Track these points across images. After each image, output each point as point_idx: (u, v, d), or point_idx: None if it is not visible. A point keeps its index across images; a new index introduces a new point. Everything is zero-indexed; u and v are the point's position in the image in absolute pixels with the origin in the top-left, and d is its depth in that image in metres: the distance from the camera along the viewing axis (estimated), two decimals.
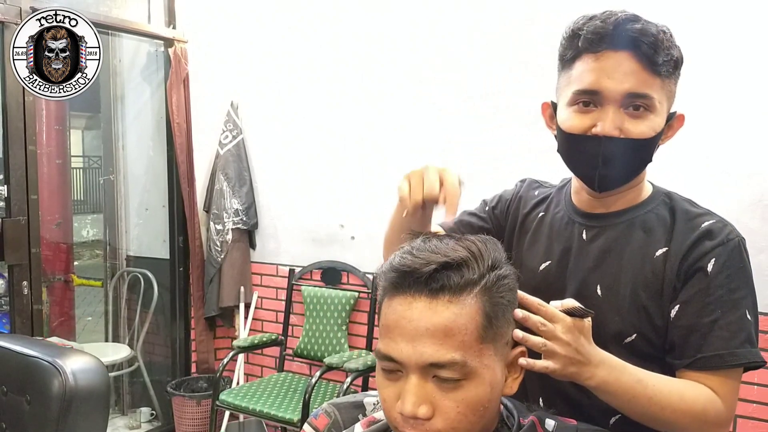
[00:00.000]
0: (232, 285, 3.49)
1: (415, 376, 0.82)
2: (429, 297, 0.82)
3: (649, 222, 1.09)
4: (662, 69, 0.99)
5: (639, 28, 0.98)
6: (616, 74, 0.99)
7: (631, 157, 1.03)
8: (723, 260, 1.01)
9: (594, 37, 1.00)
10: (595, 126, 1.01)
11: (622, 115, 1.00)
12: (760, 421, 2.25)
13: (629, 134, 1.00)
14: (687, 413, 0.97)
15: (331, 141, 3.25)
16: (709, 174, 2.30)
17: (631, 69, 0.98)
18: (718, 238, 1.03)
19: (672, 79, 1.03)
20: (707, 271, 1.01)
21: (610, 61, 0.99)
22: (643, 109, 1.00)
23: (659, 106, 1.01)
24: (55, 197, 3.81)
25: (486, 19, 2.72)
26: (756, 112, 2.23)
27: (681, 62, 1.05)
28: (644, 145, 1.02)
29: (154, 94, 3.67)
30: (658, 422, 0.98)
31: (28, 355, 1.52)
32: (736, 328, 1.00)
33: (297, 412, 2.77)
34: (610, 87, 0.99)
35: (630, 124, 1.00)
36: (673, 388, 0.98)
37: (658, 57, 0.98)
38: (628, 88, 0.99)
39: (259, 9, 3.46)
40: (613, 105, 1.00)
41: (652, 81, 0.99)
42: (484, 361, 0.83)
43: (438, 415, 0.81)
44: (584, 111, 1.03)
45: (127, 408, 3.82)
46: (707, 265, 1.01)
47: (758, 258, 2.22)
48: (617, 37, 0.98)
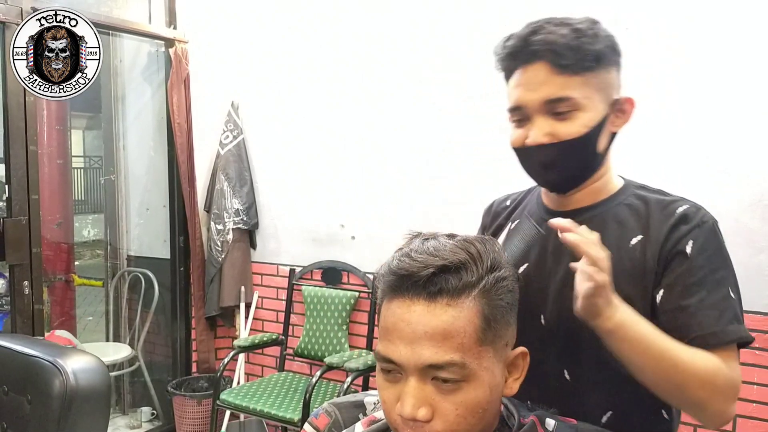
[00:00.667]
0: (232, 285, 3.49)
1: (414, 378, 0.82)
2: (427, 300, 0.83)
3: (621, 214, 1.10)
4: (577, 67, 1.01)
5: (542, 38, 1.02)
6: (533, 85, 1.03)
7: (572, 156, 1.05)
8: (701, 242, 1.03)
9: (509, 57, 1.06)
10: (527, 138, 1.05)
11: (551, 122, 1.03)
12: (759, 421, 2.26)
13: (560, 137, 1.03)
14: (698, 374, 0.95)
15: (331, 141, 3.25)
16: (709, 174, 2.30)
17: (545, 77, 1.02)
18: (693, 221, 1.04)
19: (597, 71, 1.04)
20: (687, 254, 1.02)
21: (527, 75, 1.04)
22: (569, 110, 1.02)
23: (587, 101, 1.03)
24: (56, 197, 3.81)
25: (486, 19, 2.72)
26: (756, 112, 2.23)
27: (608, 52, 1.06)
28: (580, 143, 1.04)
29: (155, 94, 3.67)
30: (668, 383, 0.96)
31: (29, 355, 1.53)
32: (723, 307, 1.00)
33: (297, 411, 2.77)
34: (529, 99, 1.03)
35: (560, 127, 1.03)
36: (684, 347, 0.97)
37: (568, 59, 1.00)
38: (545, 96, 1.02)
39: (260, 9, 3.47)
40: (537, 114, 1.04)
41: (570, 81, 1.01)
42: (483, 363, 0.83)
43: (437, 418, 0.82)
44: (519, 126, 1.07)
45: (128, 407, 3.83)
46: (686, 248, 1.02)
47: (758, 258, 2.23)
48: (526, 51, 1.03)
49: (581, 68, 1.02)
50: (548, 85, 1.02)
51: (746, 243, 2.25)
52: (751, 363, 2.26)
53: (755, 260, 2.24)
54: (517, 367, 0.91)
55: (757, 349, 2.25)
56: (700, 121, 2.32)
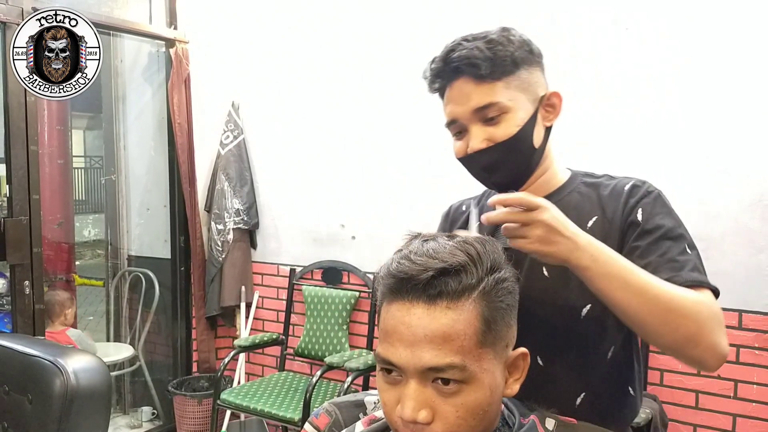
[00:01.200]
0: (233, 285, 3.50)
1: (415, 380, 0.82)
2: (427, 303, 0.82)
3: (573, 201, 1.14)
4: (496, 74, 1.07)
5: (459, 55, 1.07)
6: (461, 99, 1.09)
7: (510, 155, 1.09)
8: (649, 209, 1.09)
9: (435, 79, 1.14)
10: (468, 147, 1.11)
11: (485, 128, 1.09)
12: (759, 420, 2.26)
13: (496, 140, 1.08)
14: (683, 305, 0.95)
15: (331, 141, 3.26)
16: (709, 174, 2.31)
17: (468, 89, 1.08)
18: (640, 193, 1.11)
19: (517, 73, 1.09)
20: (639, 221, 1.08)
21: (454, 91, 1.11)
22: (498, 114, 1.08)
23: (512, 103, 1.08)
24: (57, 197, 3.82)
25: (486, 19, 2.73)
26: (755, 112, 2.23)
27: (524, 55, 1.11)
28: (515, 142, 1.08)
29: (156, 94, 3.68)
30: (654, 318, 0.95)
31: (29, 355, 1.53)
32: (683, 260, 1.03)
33: (298, 411, 2.78)
34: (459, 111, 1.10)
35: (494, 131, 1.08)
36: (665, 282, 0.98)
37: (486, 68, 1.06)
38: (472, 106, 1.08)
39: (260, 9, 3.47)
40: (471, 124, 1.09)
41: (493, 88, 1.07)
42: (483, 365, 0.83)
43: (438, 420, 0.82)
44: (459, 138, 1.13)
45: (129, 407, 3.83)
46: (637, 217, 1.08)
47: (758, 258, 2.24)
48: (448, 69, 1.10)
49: (500, 74, 1.07)
50: (473, 95, 1.08)
51: (746, 243, 2.25)
52: (750, 363, 2.26)
53: (755, 260, 2.24)
54: (517, 368, 0.91)
55: (757, 348, 2.25)
56: (700, 121, 2.33)
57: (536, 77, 1.13)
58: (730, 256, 2.27)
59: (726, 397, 2.32)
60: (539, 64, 1.15)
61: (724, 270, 2.29)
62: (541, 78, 1.14)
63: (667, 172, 2.36)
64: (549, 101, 1.14)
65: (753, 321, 2.26)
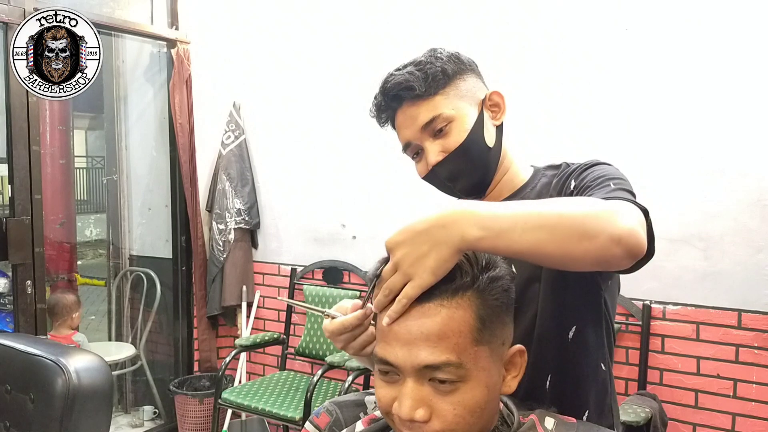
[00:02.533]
0: (234, 284, 3.51)
1: (412, 379, 0.82)
2: (421, 302, 0.83)
3: (535, 196, 1.16)
4: (431, 90, 1.12)
5: (393, 84, 1.13)
6: (407, 122, 1.14)
7: (467, 160, 1.14)
8: (579, 173, 1.11)
9: (381, 112, 1.18)
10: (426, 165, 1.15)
11: (437, 141, 1.13)
12: (758, 419, 2.27)
13: (449, 149, 1.13)
14: (589, 207, 0.87)
15: (332, 141, 3.26)
16: (708, 174, 2.31)
17: (411, 111, 1.13)
18: (574, 166, 1.14)
19: (452, 83, 1.14)
20: (572, 189, 1.10)
21: (400, 117, 1.16)
22: (444, 124, 1.12)
23: (455, 111, 1.13)
24: (59, 197, 3.83)
25: (487, 21, 2.73)
26: (754, 112, 2.23)
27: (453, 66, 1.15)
28: (468, 146, 1.13)
29: (157, 94, 3.69)
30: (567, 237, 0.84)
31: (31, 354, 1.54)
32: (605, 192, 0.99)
33: (299, 410, 2.78)
34: (410, 133, 1.15)
35: (445, 142, 1.13)
36: (558, 198, 0.95)
37: (419, 88, 1.11)
38: (419, 124, 1.13)
39: (261, 10, 3.48)
40: (423, 141, 1.14)
41: (432, 103, 1.12)
42: (479, 363, 0.83)
43: (435, 418, 0.82)
44: (418, 160, 1.18)
45: (130, 406, 3.84)
46: (570, 185, 1.11)
47: (757, 257, 2.24)
48: (388, 99, 1.15)
49: (436, 88, 1.12)
50: (418, 115, 1.12)
51: (745, 242, 2.26)
52: (749, 362, 2.27)
53: (754, 259, 2.25)
54: (515, 365, 0.91)
55: (756, 348, 2.25)
56: (699, 121, 2.33)
57: (472, 83, 1.17)
58: (729, 255, 2.28)
59: (725, 396, 2.32)
60: (473, 71, 1.18)
61: (723, 270, 2.29)
62: (477, 83, 1.18)
63: (667, 171, 2.36)
64: (491, 101, 1.18)
65: (752, 320, 2.26)
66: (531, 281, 1.10)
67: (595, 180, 1.05)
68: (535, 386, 1.09)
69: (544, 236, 0.83)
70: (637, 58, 2.43)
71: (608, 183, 1.02)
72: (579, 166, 1.13)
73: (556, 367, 1.10)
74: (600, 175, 1.06)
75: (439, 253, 0.82)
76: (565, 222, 0.84)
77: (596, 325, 1.13)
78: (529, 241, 0.83)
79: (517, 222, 0.83)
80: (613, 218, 0.85)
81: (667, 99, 2.38)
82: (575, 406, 1.03)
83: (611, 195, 0.95)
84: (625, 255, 0.85)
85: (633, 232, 0.85)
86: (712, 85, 2.30)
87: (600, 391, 1.14)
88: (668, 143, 2.38)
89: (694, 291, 2.35)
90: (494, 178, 1.18)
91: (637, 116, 2.44)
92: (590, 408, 1.10)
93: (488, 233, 0.82)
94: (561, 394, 1.09)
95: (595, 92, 2.50)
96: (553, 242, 0.83)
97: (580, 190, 1.07)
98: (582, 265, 0.87)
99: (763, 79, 2.22)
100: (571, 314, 1.10)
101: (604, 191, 0.99)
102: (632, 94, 2.45)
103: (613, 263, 0.87)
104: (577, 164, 1.15)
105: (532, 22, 2.62)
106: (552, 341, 1.10)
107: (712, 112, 2.30)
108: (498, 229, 0.83)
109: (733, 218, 2.28)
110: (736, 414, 2.31)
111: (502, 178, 1.20)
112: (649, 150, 2.41)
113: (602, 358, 1.14)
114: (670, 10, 2.36)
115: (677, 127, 2.36)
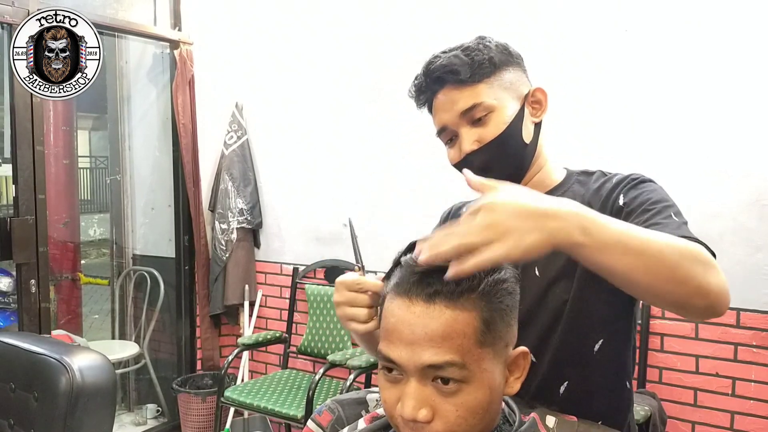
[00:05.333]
0: (236, 283, 3.53)
1: (415, 379, 0.83)
2: (426, 302, 0.83)
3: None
4: (475, 77, 1.11)
5: (438, 65, 1.12)
6: (447, 105, 1.13)
7: (503, 153, 1.12)
8: (632, 192, 1.08)
9: (420, 93, 1.17)
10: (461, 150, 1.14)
11: (474, 130, 1.12)
12: (756, 417, 2.27)
13: (485, 140, 1.11)
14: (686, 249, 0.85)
15: (334, 141, 3.28)
16: (708, 173, 2.32)
17: (453, 95, 1.12)
18: (624, 182, 1.11)
19: (498, 74, 1.13)
20: (621, 206, 1.07)
21: (439, 100, 1.14)
22: (485, 114, 1.11)
23: (497, 102, 1.11)
24: (63, 197, 3.85)
25: (487, 22, 2.74)
26: (754, 112, 2.24)
27: (502, 57, 1.14)
28: (505, 139, 1.11)
29: (160, 95, 3.70)
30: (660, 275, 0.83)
31: (35, 353, 1.55)
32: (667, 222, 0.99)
33: (301, 408, 2.80)
34: (447, 117, 1.13)
35: (483, 132, 1.11)
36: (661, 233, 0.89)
37: (465, 73, 1.10)
38: (459, 109, 1.11)
39: (263, 11, 3.49)
40: (461, 128, 1.13)
41: (475, 90, 1.11)
42: (483, 365, 0.83)
43: (438, 419, 0.82)
44: (451, 145, 1.17)
45: (134, 405, 3.86)
46: (618, 202, 1.08)
47: (756, 257, 2.25)
48: (430, 81, 1.14)
49: (481, 76, 1.11)
50: (458, 99, 1.11)
51: (744, 242, 2.27)
52: (748, 360, 2.28)
53: (753, 259, 2.25)
54: (518, 367, 0.91)
55: (755, 346, 2.26)
56: (699, 121, 2.34)
57: (517, 76, 1.15)
58: (728, 255, 2.28)
59: (724, 394, 2.33)
60: (519, 65, 1.17)
61: (723, 269, 2.28)
62: (522, 77, 1.17)
63: (667, 171, 2.37)
64: (534, 97, 1.17)
65: (751, 319, 2.27)
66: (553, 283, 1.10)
67: (652, 204, 1.03)
68: (546, 390, 1.10)
69: (640, 265, 0.81)
70: (637, 58, 2.44)
71: (669, 212, 1.01)
72: (624, 180, 1.10)
73: (576, 376, 1.10)
74: (654, 199, 1.04)
75: (539, 237, 0.76)
76: (665, 257, 0.82)
77: (624, 341, 1.13)
78: (624, 264, 0.81)
79: (620, 241, 0.81)
80: (708, 270, 0.85)
81: (667, 99, 2.39)
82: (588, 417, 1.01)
83: (683, 233, 0.93)
84: (706, 309, 0.86)
85: (723, 290, 0.86)
86: (713, 86, 2.30)
87: (622, 409, 1.15)
88: (668, 143, 2.39)
89: None
90: (527, 174, 1.17)
91: (636, 116, 2.45)
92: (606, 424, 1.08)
93: (591, 243, 0.79)
94: (575, 404, 1.07)
95: (598, 92, 2.51)
96: (644, 272, 0.81)
97: (634, 210, 1.04)
98: (660, 302, 0.88)
99: (763, 79, 2.22)
100: (601, 326, 1.10)
101: (669, 223, 0.97)
102: (635, 94, 2.45)
103: (691, 312, 0.88)
104: (617, 175, 1.13)
105: (532, 23, 2.63)
106: (576, 351, 1.10)
107: (712, 113, 2.31)
108: (602, 244, 0.80)
109: (732, 218, 2.28)
110: (734, 412, 2.32)
111: (534, 177, 1.18)
112: (649, 150, 2.42)
113: (627, 377, 1.14)
114: (670, 11, 2.37)
115: (678, 127, 2.37)
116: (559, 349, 1.10)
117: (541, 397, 1.07)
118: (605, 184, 1.13)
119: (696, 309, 0.85)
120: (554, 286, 1.10)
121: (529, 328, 1.10)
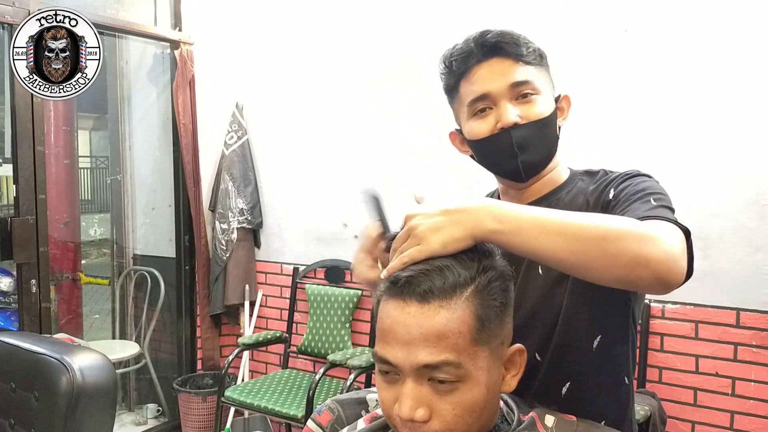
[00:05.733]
0: (237, 283, 3.53)
1: (411, 379, 0.83)
2: (420, 302, 0.83)
3: (568, 199, 1.15)
4: (529, 58, 1.11)
5: (496, 34, 1.10)
6: (495, 75, 1.10)
7: (541, 136, 1.12)
8: (619, 183, 1.08)
9: (463, 58, 1.12)
10: (498, 122, 1.10)
11: (517, 106, 1.10)
12: (756, 417, 2.28)
13: (529, 118, 1.10)
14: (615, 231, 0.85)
15: (334, 141, 3.28)
16: (707, 173, 2.32)
17: (504, 67, 1.10)
18: (614, 176, 1.12)
19: (542, 66, 1.14)
20: (610, 198, 1.07)
21: (483, 70, 1.11)
22: (530, 94, 1.10)
23: (543, 87, 1.12)
24: (63, 197, 3.85)
25: (487, 22, 2.74)
26: (754, 112, 2.24)
27: (544, 54, 1.16)
28: (546, 124, 1.11)
29: (161, 95, 3.70)
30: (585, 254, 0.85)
31: (36, 353, 1.55)
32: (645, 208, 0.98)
33: (301, 408, 2.80)
34: (495, 86, 1.10)
35: (526, 110, 1.10)
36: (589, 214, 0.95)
37: (522, 49, 1.10)
38: (510, 81, 1.09)
39: (263, 11, 3.50)
40: (504, 99, 1.10)
41: (527, 69, 1.11)
42: (478, 363, 0.83)
43: (435, 418, 0.82)
44: (484, 116, 1.12)
45: (134, 404, 3.86)
46: (609, 195, 1.08)
47: (755, 257, 2.25)
48: (481, 49, 1.11)
49: (533, 59, 1.11)
50: (511, 72, 1.10)
51: (743, 242, 2.27)
52: (748, 360, 2.28)
53: (752, 259, 2.26)
54: (514, 364, 0.92)
55: (755, 346, 2.26)
56: (699, 121, 2.34)
57: (550, 78, 1.17)
58: (728, 255, 2.29)
59: (724, 394, 2.33)
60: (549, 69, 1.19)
61: (722, 269, 2.30)
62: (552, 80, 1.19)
63: (667, 171, 2.36)
64: (561, 103, 1.19)
65: (750, 319, 2.27)
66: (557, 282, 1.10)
67: (635, 193, 1.03)
68: (548, 390, 1.10)
69: (560, 242, 0.85)
70: (637, 58, 2.44)
71: (648, 198, 1.00)
72: (619, 175, 1.11)
73: (576, 375, 1.10)
74: (641, 188, 1.04)
75: (453, 230, 0.86)
76: (585, 234, 0.85)
77: (623, 338, 1.13)
78: (543, 245, 0.85)
79: (535, 224, 0.86)
80: (647, 241, 0.84)
81: (667, 99, 2.39)
82: (591, 416, 1.01)
83: (651, 213, 0.94)
84: (654, 280, 0.84)
85: (668, 258, 0.84)
86: (712, 86, 2.30)
87: (621, 405, 1.14)
88: (668, 143, 2.39)
89: (693, 290, 2.35)
90: (545, 169, 1.16)
91: (636, 116, 2.45)
92: (607, 421, 1.09)
93: (505, 228, 0.86)
94: (577, 402, 1.08)
95: (598, 92, 2.51)
96: (568, 250, 0.85)
97: (620, 201, 1.04)
98: (603, 280, 0.87)
99: (763, 79, 2.22)
100: (597, 323, 1.09)
101: (644, 207, 0.98)
102: (635, 94, 2.45)
103: (640, 286, 0.88)
104: (616, 173, 1.13)
105: (532, 23, 2.63)
106: (575, 348, 1.09)
107: (712, 113, 2.31)
108: (515, 227, 0.86)
109: (732, 218, 2.29)
110: (734, 412, 2.32)
111: (547, 174, 1.18)
112: (649, 150, 2.42)
113: (626, 372, 1.14)
114: (670, 11, 2.37)
115: (678, 127, 2.37)
116: (559, 347, 1.10)
117: (543, 395, 1.07)
118: (604, 180, 1.13)
119: (643, 281, 0.85)
120: (558, 286, 1.10)
121: (533, 327, 1.10)
